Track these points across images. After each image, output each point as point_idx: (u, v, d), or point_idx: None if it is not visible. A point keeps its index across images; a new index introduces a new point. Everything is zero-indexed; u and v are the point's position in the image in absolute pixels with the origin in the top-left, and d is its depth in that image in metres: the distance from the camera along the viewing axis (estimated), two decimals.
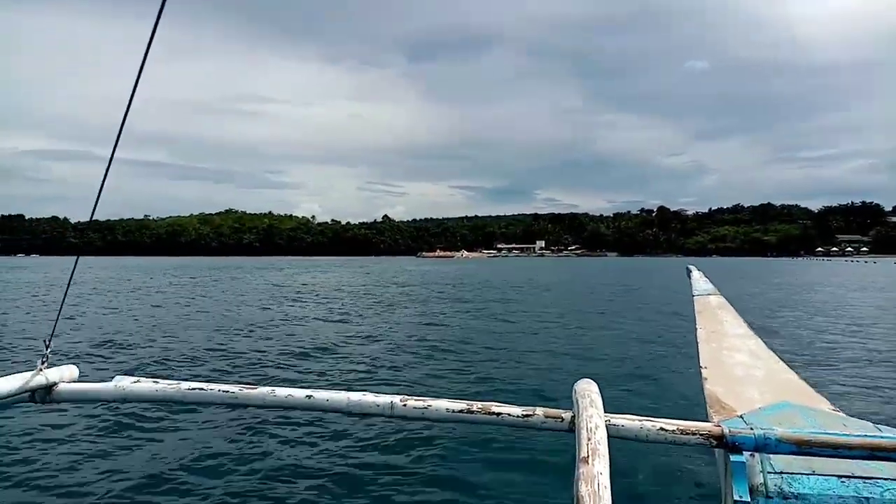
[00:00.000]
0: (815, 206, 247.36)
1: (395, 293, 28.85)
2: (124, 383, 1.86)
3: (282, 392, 1.80)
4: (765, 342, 2.74)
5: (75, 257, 2.45)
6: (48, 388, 1.85)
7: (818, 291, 30.62)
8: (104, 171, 1.92)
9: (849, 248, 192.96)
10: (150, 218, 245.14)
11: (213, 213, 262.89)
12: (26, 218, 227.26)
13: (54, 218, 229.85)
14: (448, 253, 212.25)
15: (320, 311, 20.02)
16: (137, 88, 1.78)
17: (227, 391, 1.82)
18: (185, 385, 1.86)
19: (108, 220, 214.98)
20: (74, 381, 1.94)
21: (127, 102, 1.80)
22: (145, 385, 1.86)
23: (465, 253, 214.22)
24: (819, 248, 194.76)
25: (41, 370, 1.84)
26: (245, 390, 1.83)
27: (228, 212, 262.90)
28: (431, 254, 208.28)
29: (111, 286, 33.76)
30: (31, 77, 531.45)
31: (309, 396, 1.78)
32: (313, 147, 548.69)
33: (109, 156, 1.89)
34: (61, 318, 2.15)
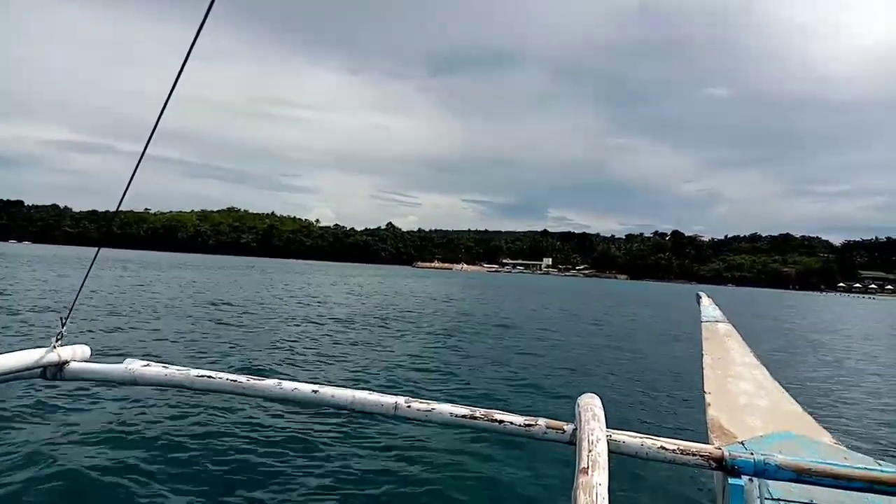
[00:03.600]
0: (836, 240, 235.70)
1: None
2: (134, 366, 1.86)
3: (288, 385, 1.81)
4: (770, 373, 2.68)
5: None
6: (60, 365, 1.86)
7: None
8: (134, 165, 1.94)
9: (872, 286, 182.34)
10: (150, 212, 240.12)
11: (214, 210, 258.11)
12: (25, 204, 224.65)
13: (54, 206, 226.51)
14: (446, 265, 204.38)
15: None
16: (172, 87, 1.82)
17: (235, 380, 1.81)
18: (193, 372, 1.85)
19: (108, 212, 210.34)
20: (86, 361, 1.94)
21: (164, 100, 1.84)
22: (155, 369, 1.86)
23: (465, 266, 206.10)
24: (841, 284, 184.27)
25: (55, 348, 1.84)
26: (252, 381, 1.82)
27: (230, 210, 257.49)
28: (428, 264, 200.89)
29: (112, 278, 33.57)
30: (62, 69, 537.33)
31: (315, 391, 1.77)
32: (331, 154, 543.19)
33: (141, 150, 1.92)
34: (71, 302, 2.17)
